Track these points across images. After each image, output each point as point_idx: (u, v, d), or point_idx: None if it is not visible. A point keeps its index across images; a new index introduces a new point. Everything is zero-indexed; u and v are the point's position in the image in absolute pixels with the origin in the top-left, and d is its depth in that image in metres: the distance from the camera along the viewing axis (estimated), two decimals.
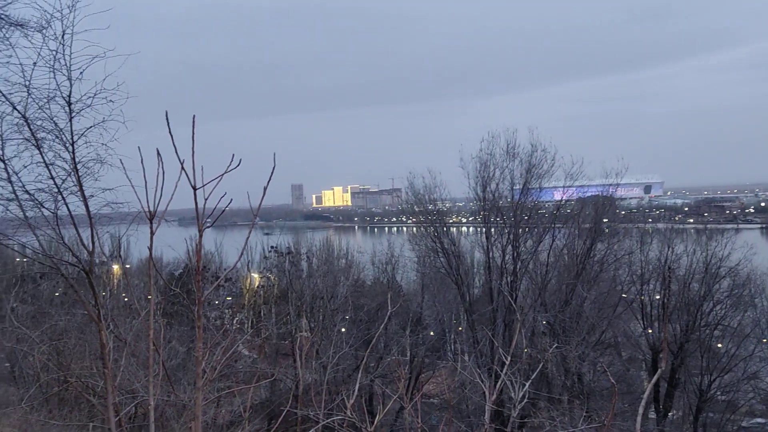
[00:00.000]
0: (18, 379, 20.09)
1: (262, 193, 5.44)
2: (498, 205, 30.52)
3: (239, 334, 27.17)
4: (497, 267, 29.56)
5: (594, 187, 34.07)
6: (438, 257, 31.39)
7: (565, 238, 30.93)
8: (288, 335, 28.45)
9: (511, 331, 27.37)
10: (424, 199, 32.14)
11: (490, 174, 29.98)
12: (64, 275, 7.25)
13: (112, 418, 6.34)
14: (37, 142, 6.66)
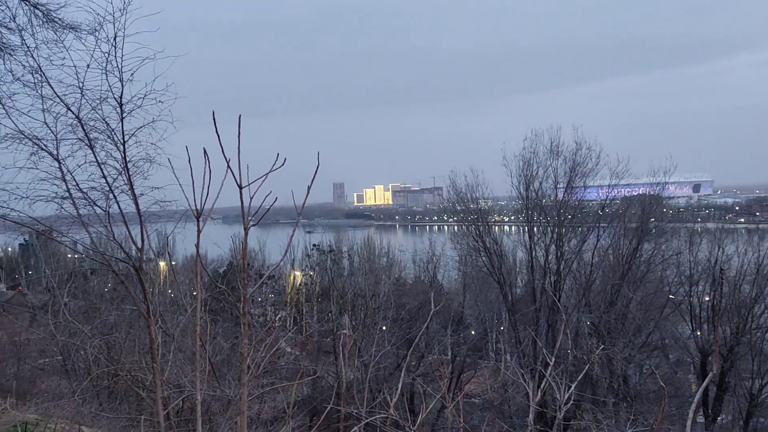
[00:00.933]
0: (70, 372, 20.75)
1: (306, 191, 5.49)
2: (541, 203, 30.14)
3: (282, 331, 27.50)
4: (540, 266, 29.20)
5: (641, 186, 33.35)
6: (480, 256, 31.16)
7: (610, 237, 30.33)
8: (330, 333, 28.64)
9: (555, 332, 26.99)
10: (466, 197, 31.94)
11: (533, 172, 29.63)
12: (115, 272, 7.44)
13: (161, 411, 6.48)
14: (90, 142, 6.84)
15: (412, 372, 26.71)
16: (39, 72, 7.01)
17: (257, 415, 13.30)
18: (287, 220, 60.85)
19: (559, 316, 27.10)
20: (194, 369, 7.75)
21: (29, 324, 24.45)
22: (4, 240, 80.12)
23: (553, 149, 29.25)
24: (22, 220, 7.06)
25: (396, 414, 6.33)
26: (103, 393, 13.54)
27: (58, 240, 8.83)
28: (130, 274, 8.99)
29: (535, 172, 29.59)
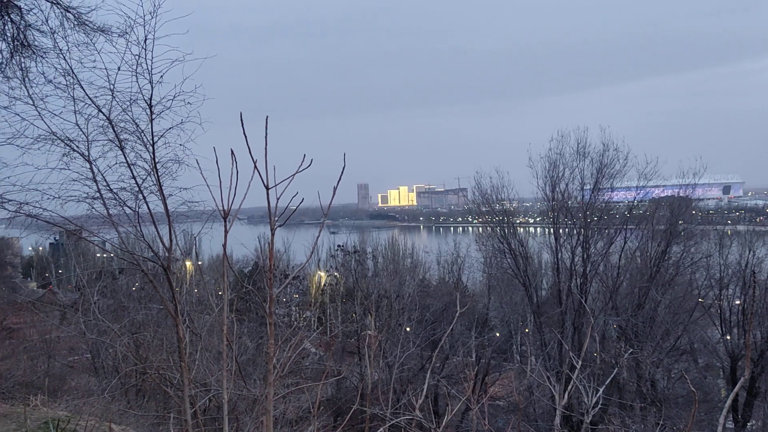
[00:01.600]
0: (98, 370, 21.09)
1: (332, 192, 5.49)
2: (567, 205, 29.92)
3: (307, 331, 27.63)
4: (566, 269, 28.94)
5: (669, 187, 32.87)
6: (505, 258, 30.99)
7: (638, 239, 29.96)
8: (354, 334, 28.71)
9: (581, 335, 26.72)
10: (492, 198, 31.81)
11: (559, 174, 29.42)
12: (144, 271, 7.53)
13: (188, 409, 6.54)
14: (120, 143, 6.95)
15: (437, 374, 26.66)
16: (71, 74, 7.14)
17: (282, 415, 13.38)
18: (312, 220, 61.07)
19: (586, 318, 26.83)
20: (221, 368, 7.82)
21: (59, 322, 24.93)
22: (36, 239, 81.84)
23: (579, 150, 29.04)
24: (54, 219, 7.20)
25: (421, 415, 6.31)
26: (131, 391, 13.74)
27: (88, 239, 8.98)
28: (158, 274, 9.11)
29: (561, 173, 29.40)
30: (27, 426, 7.39)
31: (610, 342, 26.75)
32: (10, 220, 7.28)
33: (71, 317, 22.99)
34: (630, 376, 26.65)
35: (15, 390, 12.80)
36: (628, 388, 26.73)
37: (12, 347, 22.04)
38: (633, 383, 26.67)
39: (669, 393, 26.95)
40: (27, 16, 12.42)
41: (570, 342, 26.00)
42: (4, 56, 12.42)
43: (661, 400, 25.42)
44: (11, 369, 14.95)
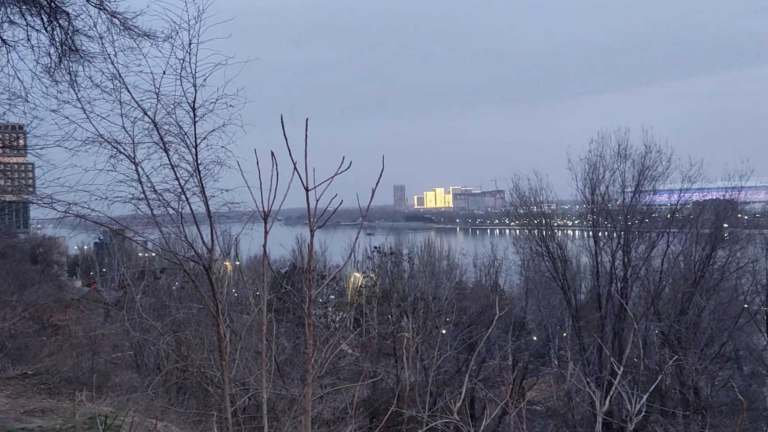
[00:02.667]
0: (140, 367, 21.53)
1: (370, 195, 5.50)
2: (607, 208, 29.49)
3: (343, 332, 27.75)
4: (606, 272, 28.49)
5: (714, 190, 32.08)
6: (543, 261, 30.70)
7: (681, 243, 29.32)
8: (390, 335, 28.72)
9: (622, 340, 26.26)
10: (530, 201, 31.56)
11: (599, 176, 29.07)
12: (186, 271, 7.67)
13: (228, 407, 6.63)
14: (164, 145, 7.09)
15: (474, 377, 26.49)
16: (118, 78, 7.31)
17: (318, 415, 13.47)
18: (348, 222, 61.50)
19: (626, 323, 26.36)
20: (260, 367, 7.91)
21: (104, 320, 25.56)
22: (82, 239, 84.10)
23: (620, 152, 28.67)
24: (101, 220, 7.39)
25: (459, 419, 6.27)
26: (172, 388, 13.99)
27: (133, 239, 9.18)
28: (199, 274, 9.25)
29: (601, 175, 29.05)
30: (75, 421, 7.60)
31: (651, 348, 26.20)
32: (59, 220, 7.50)
33: (115, 315, 23.52)
34: (673, 383, 26.07)
35: (61, 385, 13.17)
36: (670, 396, 26.14)
37: (58, 344, 22.66)
38: (676, 390, 26.09)
39: (713, 401, 26.29)
40: (75, 21, 12.77)
41: (610, 347, 25.57)
42: (53, 61, 12.79)
43: (705, 408, 24.80)
44: (57, 365, 15.39)
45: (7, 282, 26.44)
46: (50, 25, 12.86)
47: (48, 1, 12.58)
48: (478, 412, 25.68)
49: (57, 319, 29.47)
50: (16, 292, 25.41)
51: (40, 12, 12.60)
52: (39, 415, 9.56)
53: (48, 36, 12.78)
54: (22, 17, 12.62)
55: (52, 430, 8.64)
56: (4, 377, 13.08)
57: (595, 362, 26.83)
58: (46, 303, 31.03)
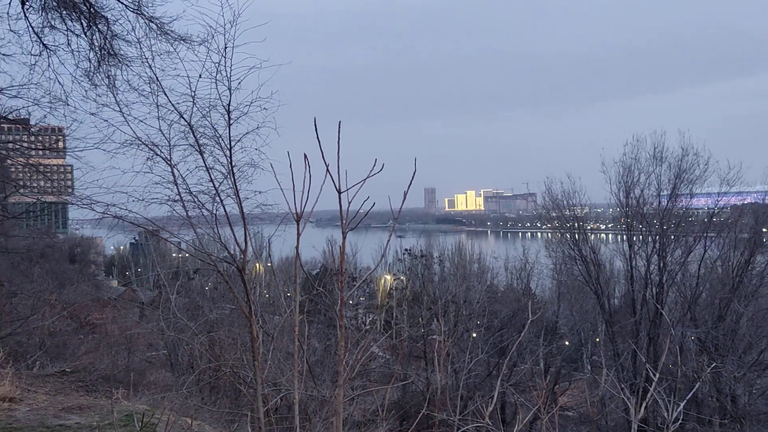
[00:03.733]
0: (174, 366, 21.85)
1: (402, 197, 5.51)
2: (642, 211, 29.02)
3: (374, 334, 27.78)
4: (641, 277, 28.02)
5: (754, 194, 31.33)
6: (576, 265, 30.34)
7: (718, 248, 28.68)
8: (420, 338, 28.67)
9: (657, 346, 25.79)
10: (562, 204, 31.25)
11: (634, 179, 28.66)
12: (220, 272, 7.76)
13: (261, 407, 6.68)
14: (199, 147, 7.20)
15: (505, 381, 26.29)
16: (155, 82, 7.45)
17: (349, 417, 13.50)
18: (379, 224, 61.56)
19: (662, 329, 25.88)
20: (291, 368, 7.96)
21: (139, 319, 26.01)
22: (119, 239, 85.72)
23: (656, 155, 28.21)
24: (138, 220, 7.53)
25: (491, 423, 6.23)
26: (205, 388, 14.18)
27: (168, 240, 9.33)
28: (232, 274, 9.36)
29: (636, 178, 28.63)
30: (113, 418, 7.75)
31: (688, 355, 25.67)
32: (98, 220, 7.66)
33: (150, 314, 23.92)
34: (710, 391, 25.51)
35: (98, 383, 13.44)
36: (707, 404, 25.59)
37: (95, 342, 23.15)
38: (713, 398, 25.52)
39: (750, 409, 25.64)
40: (113, 26, 13.05)
41: (645, 353, 25.13)
42: (92, 65, 13.08)
43: (743, 417, 24.21)
44: (95, 363, 15.70)
45: (47, 281, 27.07)
46: (90, 30, 13.16)
47: (88, 7, 12.87)
48: (509, 416, 25.47)
49: (94, 317, 30.10)
50: (55, 291, 26.00)
51: (80, 17, 12.90)
52: (77, 411, 9.77)
53: (87, 41, 13.08)
54: (63, 22, 12.94)
55: (88, 427, 8.82)
56: (43, 374, 13.40)
57: (629, 368, 26.40)
58: (83, 302, 31.70)
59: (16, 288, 19.70)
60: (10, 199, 16.62)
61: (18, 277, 23.69)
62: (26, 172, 15.84)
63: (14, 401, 10.18)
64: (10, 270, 23.14)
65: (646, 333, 26.72)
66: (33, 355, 15.37)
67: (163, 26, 12.53)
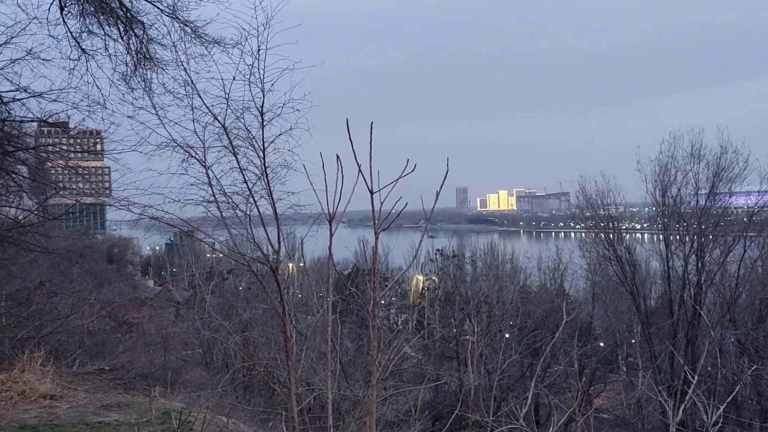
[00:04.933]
0: (209, 365, 22.15)
1: (435, 197, 5.49)
2: (679, 210, 28.47)
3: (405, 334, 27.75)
4: (678, 278, 27.49)
5: None
6: (610, 265, 29.91)
7: (759, 248, 27.98)
8: (453, 338, 28.56)
9: (695, 348, 25.27)
10: (597, 203, 30.83)
11: (670, 178, 28.13)
12: (254, 272, 7.83)
13: (294, 407, 6.72)
14: (233, 149, 7.28)
15: (539, 382, 26.04)
16: (191, 85, 7.55)
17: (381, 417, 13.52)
18: (410, 224, 61.51)
19: (700, 331, 25.35)
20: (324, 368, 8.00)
21: (174, 318, 26.45)
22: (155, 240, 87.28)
23: (694, 153, 27.65)
24: (173, 221, 7.65)
25: (525, 425, 6.16)
26: (239, 386, 14.34)
27: (203, 240, 9.47)
28: (265, 275, 9.45)
29: (673, 177, 28.10)
30: (151, 416, 7.90)
31: (727, 357, 25.11)
32: (135, 221, 7.81)
33: (185, 314, 24.28)
34: (750, 394, 24.91)
35: (136, 381, 13.69)
36: (747, 406, 24.99)
37: (132, 341, 23.56)
38: (753, 401, 24.91)
39: None
40: (149, 30, 13.30)
41: (683, 355, 24.65)
42: (129, 69, 13.36)
43: None
44: (132, 361, 15.99)
45: (86, 281, 27.69)
46: (126, 34, 13.43)
47: (124, 12, 13.14)
48: (542, 418, 25.21)
49: (131, 316, 30.65)
50: (94, 290, 26.57)
51: (116, 22, 13.18)
52: (115, 409, 9.98)
53: (124, 45, 13.35)
54: (101, 27, 13.23)
55: (127, 424, 8.99)
56: (83, 372, 13.71)
57: (666, 370, 25.90)
58: (121, 301, 32.34)
59: (57, 287, 20.16)
60: (50, 201, 17.05)
61: (58, 277, 24.27)
62: (66, 174, 16.24)
63: (55, 398, 10.44)
64: (51, 270, 23.71)
65: (683, 334, 26.21)
66: (73, 354, 15.73)
67: (197, 30, 12.73)
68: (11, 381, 10.48)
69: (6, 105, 12.64)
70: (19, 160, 13.88)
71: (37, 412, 9.76)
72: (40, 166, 15.14)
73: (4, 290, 15.09)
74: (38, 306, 15.06)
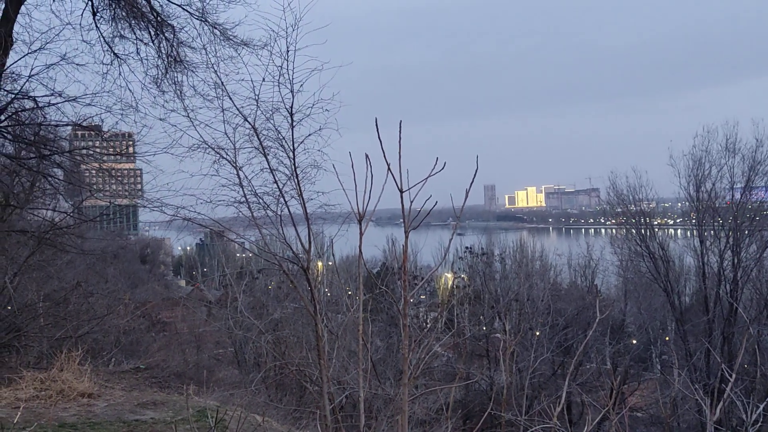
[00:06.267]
0: (240, 364, 22.38)
1: (465, 194, 5.46)
2: (714, 205, 27.90)
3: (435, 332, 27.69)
4: (714, 274, 26.95)
5: None
6: (643, 261, 29.46)
7: None
8: (483, 336, 28.43)
9: (732, 345, 24.76)
10: (628, 199, 30.39)
11: (704, 172, 27.53)
12: (285, 271, 7.90)
13: (327, 405, 6.76)
14: (264, 150, 7.34)
15: (572, 381, 25.79)
16: (221, 86, 7.65)
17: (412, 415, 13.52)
18: (438, 222, 61.32)
19: (737, 328, 24.82)
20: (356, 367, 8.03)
21: (206, 317, 26.78)
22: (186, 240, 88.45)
23: (728, 146, 27.02)
24: (206, 222, 7.76)
25: (559, 424, 6.10)
26: (271, 385, 14.47)
27: (235, 240, 9.57)
28: (296, 274, 9.51)
29: (707, 171, 27.50)
30: (188, 413, 8.02)
31: (765, 354, 24.54)
32: (168, 222, 7.94)
33: (217, 313, 24.55)
34: None
35: (170, 379, 13.92)
36: None
37: (166, 340, 23.95)
38: None
39: None
40: (179, 33, 13.50)
41: (719, 352, 24.16)
42: (160, 72, 13.58)
43: None
44: (166, 360, 16.26)
45: (120, 281, 28.21)
46: (157, 38, 13.65)
47: (155, 16, 13.35)
48: (575, 417, 24.93)
49: (164, 316, 31.14)
50: (128, 290, 27.05)
51: (147, 26, 13.41)
52: (151, 407, 10.15)
53: (155, 49, 13.58)
54: (132, 31, 13.48)
55: (163, 422, 9.14)
56: (119, 371, 13.98)
57: (702, 368, 25.43)
58: (155, 301, 32.85)
59: (93, 288, 20.58)
60: (85, 203, 17.40)
61: (94, 278, 24.76)
62: (100, 176, 16.55)
63: (93, 397, 10.66)
64: (86, 271, 24.20)
65: (719, 332, 25.70)
66: (109, 353, 16.05)
67: (226, 32, 12.89)
68: (50, 380, 10.73)
69: (41, 109, 12.94)
70: (54, 164, 14.19)
71: (76, 411, 9.98)
72: (74, 169, 15.46)
73: (43, 291, 15.44)
74: (75, 306, 15.39)
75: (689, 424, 24.26)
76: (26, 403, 9.85)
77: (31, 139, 13.24)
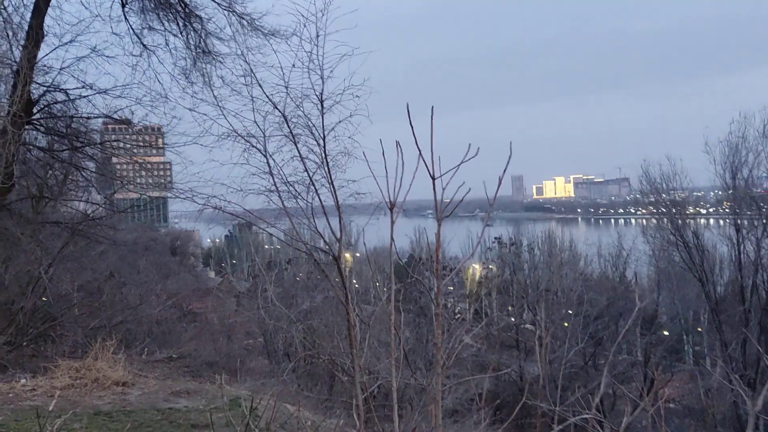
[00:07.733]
0: (271, 354, 22.54)
1: (498, 182, 5.32)
2: (751, 193, 27.22)
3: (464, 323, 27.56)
4: (750, 263, 26.34)
5: None
6: (676, 250, 28.90)
7: None
8: (512, 327, 28.23)
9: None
10: (661, 188, 29.81)
11: (741, 159, 26.88)
12: (316, 261, 7.84)
13: (359, 395, 6.69)
14: (293, 138, 7.26)
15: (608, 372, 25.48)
16: (251, 75, 7.58)
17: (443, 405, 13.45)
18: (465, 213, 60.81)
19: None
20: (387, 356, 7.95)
21: (236, 307, 27.00)
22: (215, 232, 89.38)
23: (766, 132, 26.28)
24: (236, 211, 7.72)
25: (599, 415, 5.97)
26: (302, 375, 14.52)
27: (265, 230, 9.54)
28: (328, 263, 9.45)
29: (743, 158, 26.84)
30: (223, 402, 8.05)
31: None
32: (199, 212, 7.93)
33: (246, 303, 24.72)
34: None
35: (202, 368, 14.05)
36: None
37: (197, 330, 24.21)
38: None
39: None
40: (207, 24, 13.52)
41: (757, 343, 23.62)
42: (189, 63, 13.62)
43: None
44: (198, 350, 16.41)
45: (152, 272, 28.56)
46: (185, 29, 13.68)
47: (183, 7, 13.38)
48: (606, 408, 24.64)
49: (195, 306, 31.49)
50: (160, 281, 27.38)
51: (176, 17, 13.44)
52: (185, 395, 10.24)
53: (183, 40, 13.61)
54: (161, 23, 13.53)
55: (196, 410, 9.20)
56: (152, 360, 14.15)
57: (738, 359, 24.90)
58: (186, 292, 33.24)
59: (125, 278, 20.88)
60: (116, 195, 17.61)
61: (126, 269, 25.12)
62: (131, 169, 16.72)
63: (127, 385, 10.79)
64: (119, 262, 24.56)
65: (757, 322, 25.13)
66: (142, 342, 16.26)
67: (253, 22, 12.86)
68: (85, 369, 10.88)
69: (73, 102, 13.07)
70: (87, 156, 14.36)
71: (111, 399, 10.10)
72: (106, 161, 15.63)
73: (77, 281, 15.68)
74: (109, 296, 15.62)
75: (723, 415, 23.82)
76: (62, 391, 10.00)
77: (63, 131, 13.40)
